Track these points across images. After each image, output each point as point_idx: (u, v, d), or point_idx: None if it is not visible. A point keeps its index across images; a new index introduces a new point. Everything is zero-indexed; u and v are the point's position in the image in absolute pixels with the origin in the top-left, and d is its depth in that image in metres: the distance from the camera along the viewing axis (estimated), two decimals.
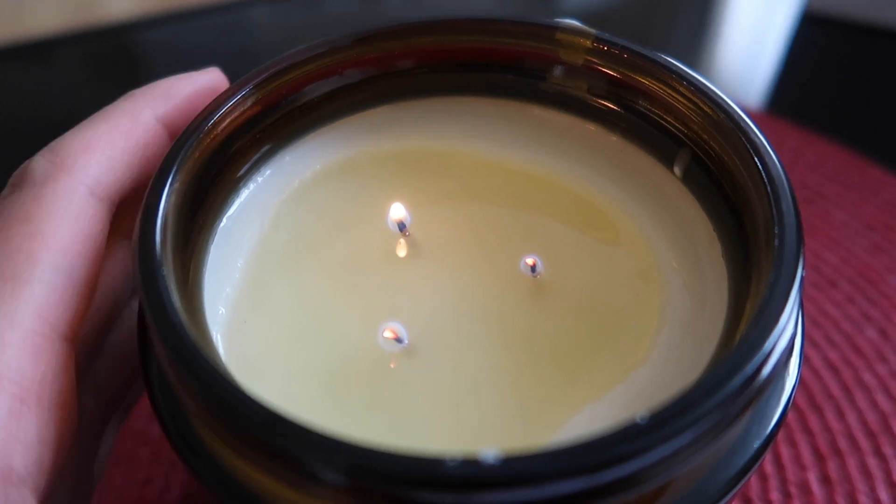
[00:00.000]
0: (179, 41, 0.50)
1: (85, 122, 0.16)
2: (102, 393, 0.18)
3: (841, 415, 0.28)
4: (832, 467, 0.26)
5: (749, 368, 0.13)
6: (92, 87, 0.46)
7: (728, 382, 0.12)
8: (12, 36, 0.48)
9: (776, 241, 0.14)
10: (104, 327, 0.18)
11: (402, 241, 0.19)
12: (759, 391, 0.13)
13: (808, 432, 0.27)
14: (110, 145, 0.16)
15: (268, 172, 0.20)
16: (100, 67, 0.48)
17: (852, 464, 0.26)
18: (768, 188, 0.15)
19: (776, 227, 0.15)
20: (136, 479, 0.25)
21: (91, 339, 0.17)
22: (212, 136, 0.17)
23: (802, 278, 0.14)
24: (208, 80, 0.19)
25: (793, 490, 0.26)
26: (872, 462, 0.26)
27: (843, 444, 0.27)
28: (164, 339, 0.13)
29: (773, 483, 0.26)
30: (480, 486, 0.11)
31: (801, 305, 0.15)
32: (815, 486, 0.26)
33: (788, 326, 0.14)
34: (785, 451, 0.27)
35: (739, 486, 0.14)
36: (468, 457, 0.11)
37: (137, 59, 0.50)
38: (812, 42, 0.48)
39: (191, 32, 0.50)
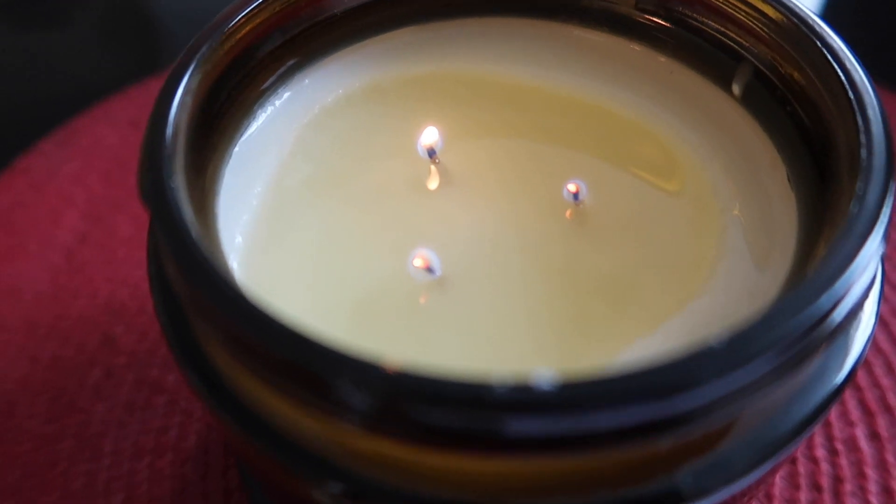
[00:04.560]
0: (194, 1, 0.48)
1: None
2: None
3: (890, 370, 0.26)
4: (881, 424, 0.25)
5: (836, 290, 0.11)
6: (107, 50, 0.45)
7: (812, 307, 0.11)
8: None
9: (863, 162, 0.13)
10: None
11: (432, 167, 0.18)
12: (844, 322, 0.12)
13: (856, 387, 0.26)
14: None
15: (286, 95, 0.18)
16: (114, 30, 0.47)
17: None
18: (853, 101, 0.13)
19: (863, 148, 0.13)
20: (151, 428, 0.24)
21: None
22: (232, 43, 0.15)
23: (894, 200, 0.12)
24: None
25: (839, 447, 0.24)
26: None
27: (892, 399, 0.25)
28: (177, 255, 0.12)
29: (819, 440, 0.25)
30: (533, 411, 0.10)
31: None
32: (864, 443, 0.24)
33: (878, 248, 0.12)
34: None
35: (809, 430, 0.13)
36: (520, 381, 0.10)
37: (152, 20, 0.48)
38: None
39: None
